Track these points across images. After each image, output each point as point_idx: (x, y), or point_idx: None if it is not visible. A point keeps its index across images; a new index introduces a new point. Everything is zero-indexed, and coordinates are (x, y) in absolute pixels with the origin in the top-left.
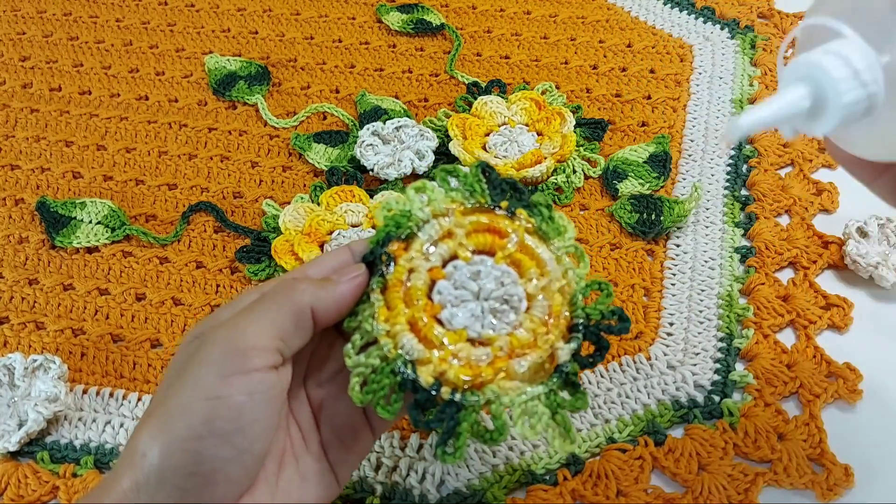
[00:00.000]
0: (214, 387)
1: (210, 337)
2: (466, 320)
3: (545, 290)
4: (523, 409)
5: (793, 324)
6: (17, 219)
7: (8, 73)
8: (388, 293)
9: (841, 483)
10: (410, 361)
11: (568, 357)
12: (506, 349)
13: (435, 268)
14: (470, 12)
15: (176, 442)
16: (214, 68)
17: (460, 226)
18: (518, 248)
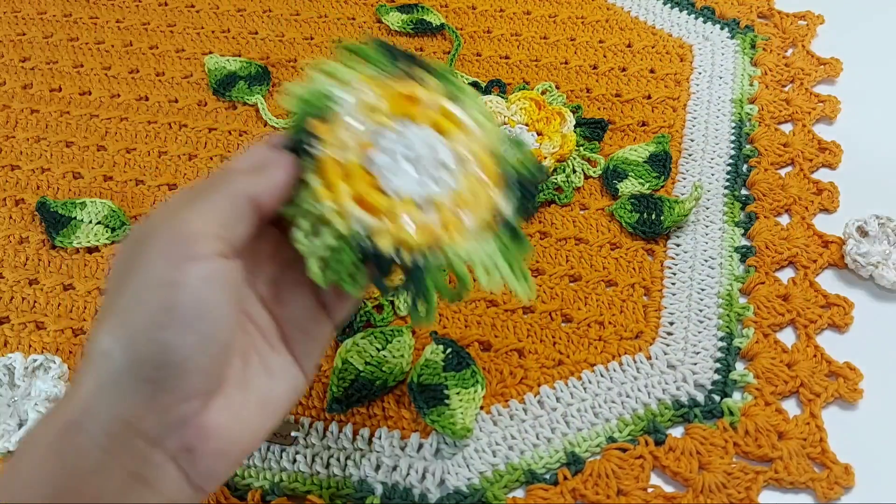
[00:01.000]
0: (168, 274)
1: (152, 231)
2: (409, 186)
3: (472, 149)
4: (482, 262)
5: (793, 323)
6: (18, 219)
7: (8, 73)
8: (325, 172)
9: (841, 482)
10: (366, 234)
11: (510, 210)
12: (452, 208)
13: (364, 141)
14: (470, 12)
15: (138, 334)
16: (214, 69)
17: (378, 97)
18: (438, 111)
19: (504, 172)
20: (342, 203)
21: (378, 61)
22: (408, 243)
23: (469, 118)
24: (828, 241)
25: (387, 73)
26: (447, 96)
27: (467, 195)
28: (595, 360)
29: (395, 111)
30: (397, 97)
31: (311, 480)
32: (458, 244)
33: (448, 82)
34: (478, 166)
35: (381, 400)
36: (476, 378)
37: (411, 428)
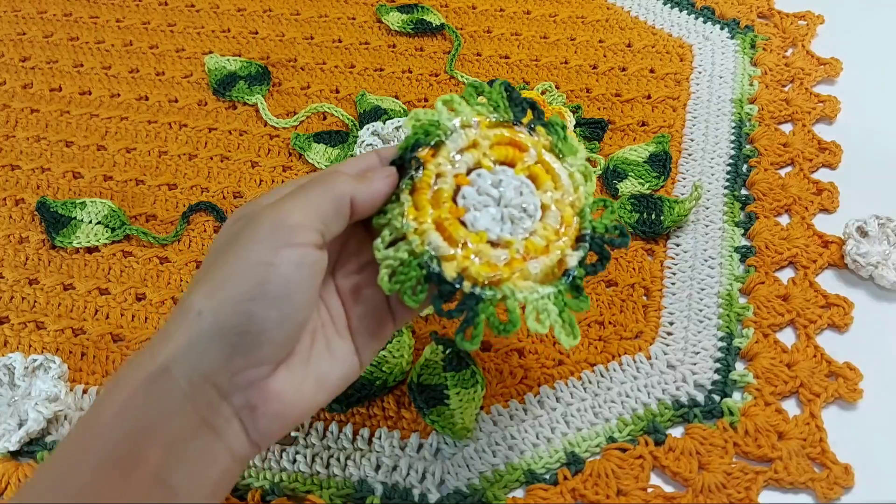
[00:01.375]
0: (266, 255)
1: (258, 215)
2: (487, 223)
3: (558, 202)
4: (534, 306)
5: (793, 323)
6: (18, 219)
7: (8, 73)
8: (417, 194)
9: (841, 482)
10: (436, 257)
11: (576, 263)
12: (521, 252)
13: (460, 174)
14: (470, 12)
15: (230, 302)
16: (214, 68)
17: (485, 137)
18: (536, 161)
19: (584, 231)
20: (423, 224)
21: (498, 103)
22: (471, 274)
23: (565, 174)
24: (828, 241)
25: (502, 117)
26: (552, 149)
27: (539, 243)
28: (595, 360)
29: (497, 154)
30: (503, 141)
31: (311, 480)
32: (516, 284)
33: (557, 137)
34: (558, 219)
35: (381, 400)
36: (476, 378)
37: (411, 428)
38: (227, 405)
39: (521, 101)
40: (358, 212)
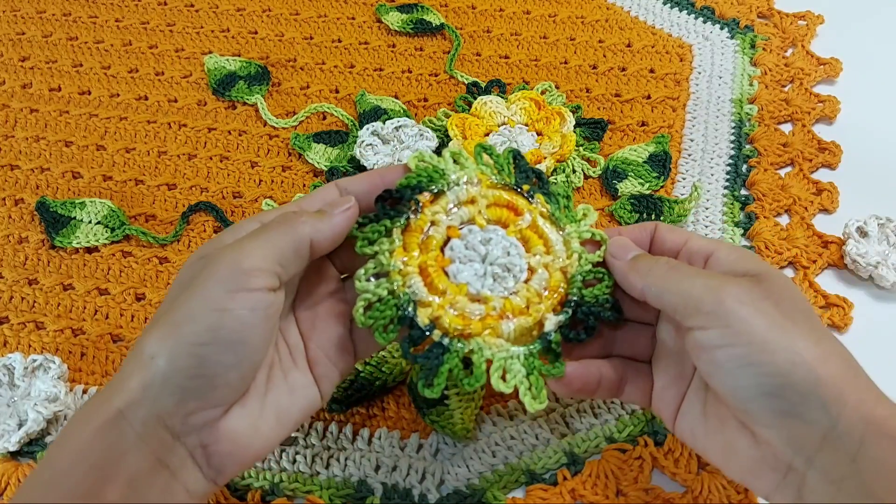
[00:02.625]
0: (221, 300)
1: (216, 257)
2: (469, 277)
3: (547, 266)
4: (500, 364)
5: None
6: (17, 219)
7: (7, 73)
8: (408, 236)
9: None
10: (413, 301)
11: (553, 327)
12: (498, 310)
13: (453, 226)
14: (469, 12)
15: (183, 346)
16: (214, 68)
17: (484, 196)
18: (530, 226)
19: (571, 297)
20: (408, 266)
21: (503, 167)
22: (443, 323)
23: (559, 241)
24: (828, 242)
25: (504, 180)
26: (549, 216)
27: (519, 303)
28: None
29: (493, 214)
30: (501, 203)
31: (311, 480)
32: (486, 340)
33: (556, 206)
34: (544, 283)
35: (381, 400)
36: None
37: (411, 428)
38: (181, 445)
39: (528, 170)
40: (318, 250)
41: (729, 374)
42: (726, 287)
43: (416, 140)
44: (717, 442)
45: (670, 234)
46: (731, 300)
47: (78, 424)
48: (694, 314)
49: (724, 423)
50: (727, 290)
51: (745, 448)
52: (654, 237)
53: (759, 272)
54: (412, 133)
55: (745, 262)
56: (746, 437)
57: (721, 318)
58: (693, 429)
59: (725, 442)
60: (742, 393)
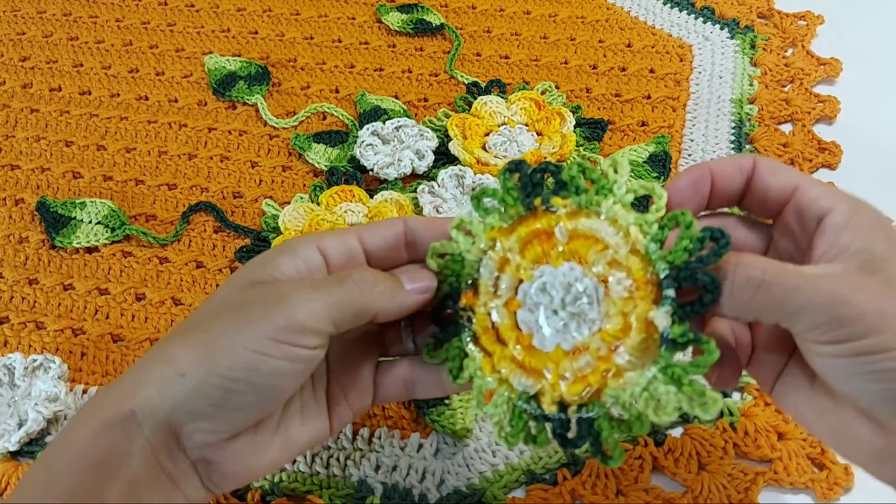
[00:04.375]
0: (264, 345)
1: (272, 297)
2: (556, 338)
3: (614, 264)
4: (646, 398)
5: None
6: (17, 219)
7: (8, 73)
8: (482, 341)
9: (841, 482)
10: (531, 397)
11: (667, 321)
12: (603, 347)
13: (507, 300)
14: (470, 12)
15: (215, 377)
16: (214, 68)
17: (510, 249)
18: (568, 239)
19: (663, 273)
20: (503, 372)
21: (505, 201)
22: (566, 399)
23: (605, 225)
24: None
25: (514, 215)
26: (582, 211)
27: (616, 324)
28: None
29: (531, 257)
30: (528, 239)
31: (311, 480)
32: (615, 385)
33: (576, 195)
34: (625, 284)
35: None
36: None
37: (411, 428)
38: (185, 457)
39: (526, 181)
40: (378, 320)
41: (851, 379)
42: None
43: (416, 140)
44: (827, 422)
45: (774, 177)
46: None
47: (81, 421)
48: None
49: (840, 407)
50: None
51: (868, 436)
52: (753, 179)
53: (885, 256)
54: (412, 133)
55: (868, 238)
56: (869, 426)
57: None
58: (797, 403)
59: (840, 424)
60: (869, 397)
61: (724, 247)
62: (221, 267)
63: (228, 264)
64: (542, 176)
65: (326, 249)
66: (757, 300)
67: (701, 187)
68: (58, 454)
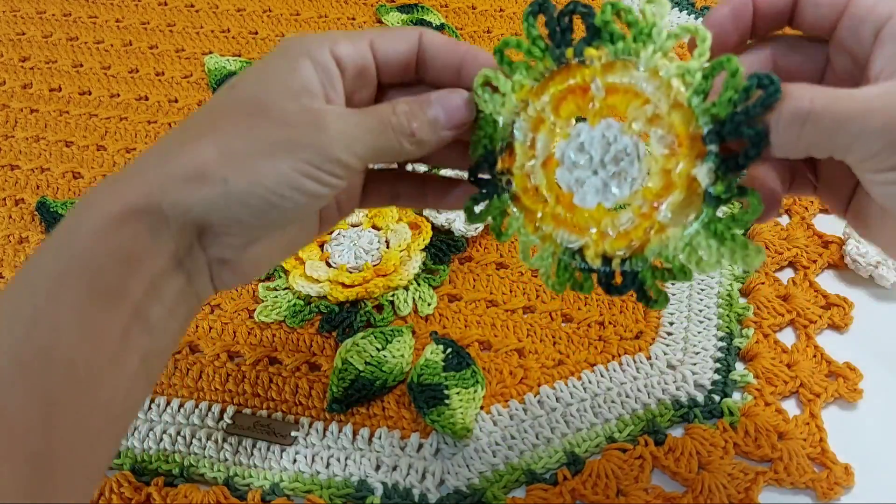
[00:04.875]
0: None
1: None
2: (596, 196)
3: (654, 120)
4: (688, 252)
5: (793, 323)
6: (17, 219)
7: (8, 73)
8: (523, 201)
9: (841, 482)
10: (575, 252)
11: (709, 178)
12: (644, 203)
13: (545, 160)
14: (470, 12)
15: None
16: (214, 68)
17: (543, 107)
18: (605, 94)
19: (705, 128)
20: (546, 229)
21: (532, 53)
22: (609, 253)
23: (644, 78)
24: (828, 241)
25: (546, 69)
26: (619, 62)
27: (657, 182)
28: (595, 360)
29: (566, 113)
30: (562, 95)
31: (311, 480)
32: (657, 241)
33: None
34: (666, 140)
35: (381, 400)
36: (476, 378)
37: (411, 428)
38: (204, 256)
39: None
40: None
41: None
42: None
43: None
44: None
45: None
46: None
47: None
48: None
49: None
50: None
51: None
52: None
53: None
54: None
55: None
56: None
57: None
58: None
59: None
60: None
61: (773, 94)
62: None
63: None
64: (570, 20)
65: (341, 58)
66: (806, 135)
67: (742, 15)
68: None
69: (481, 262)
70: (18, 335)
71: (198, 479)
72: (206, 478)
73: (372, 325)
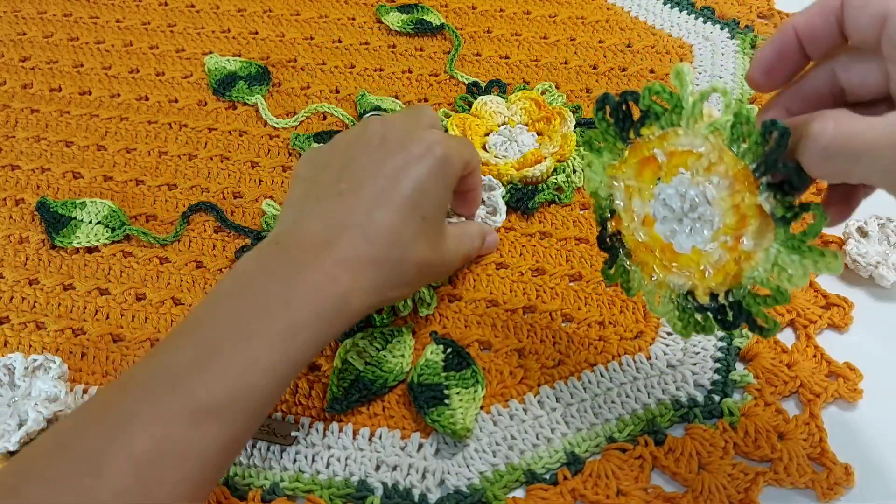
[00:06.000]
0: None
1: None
2: (689, 241)
3: (710, 169)
4: (777, 271)
5: (793, 323)
6: (18, 219)
7: (8, 73)
8: (636, 257)
9: (841, 482)
10: (688, 293)
11: (770, 204)
12: (729, 238)
13: (644, 218)
14: (470, 12)
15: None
16: (214, 69)
17: (628, 177)
18: (668, 158)
19: (749, 165)
20: (659, 275)
21: (606, 138)
22: (713, 288)
23: (690, 139)
24: (828, 241)
25: (621, 150)
26: (664, 128)
27: (732, 217)
28: (595, 360)
29: (647, 180)
30: (640, 167)
31: (311, 480)
32: (748, 267)
33: (656, 120)
34: (724, 184)
35: (381, 400)
36: (476, 378)
37: (411, 428)
38: None
39: (616, 114)
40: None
41: None
42: None
43: None
44: None
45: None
46: None
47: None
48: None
49: None
50: None
51: None
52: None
53: None
54: None
55: None
56: None
57: None
58: None
59: None
60: None
61: (783, 137)
62: (221, 267)
63: (228, 264)
64: (627, 108)
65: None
66: (831, 168)
67: (787, 52)
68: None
69: (481, 263)
70: None
71: None
72: None
73: (372, 326)
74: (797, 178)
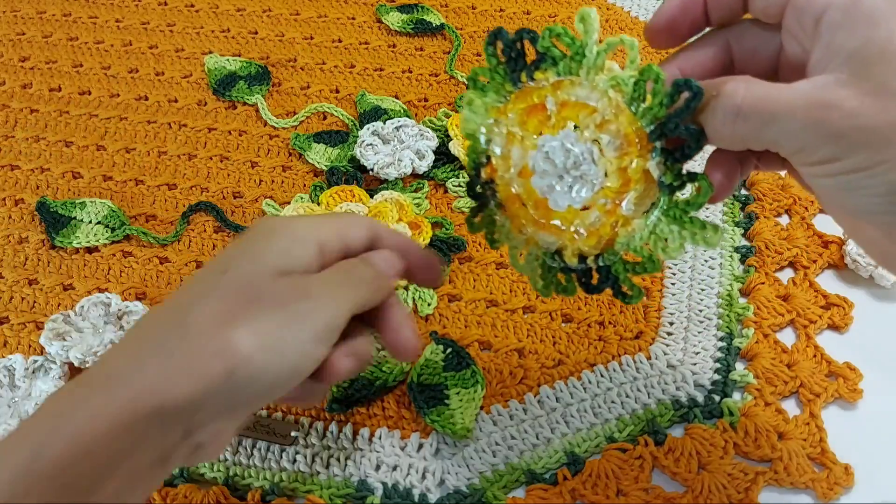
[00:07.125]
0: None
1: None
2: (565, 199)
3: (602, 126)
4: (654, 240)
5: (793, 323)
6: (17, 219)
7: (7, 73)
8: (508, 209)
9: (841, 482)
10: (554, 253)
11: (659, 170)
12: (609, 201)
13: (522, 168)
14: (470, 12)
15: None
16: (214, 68)
17: (512, 123)
18: (559, 108)
19: (644, 127)
20: (529, 231)
21: (494, 78)
22: (584, 251)
23: (587, 91)
24: (828, 241)
25: (507, 92)
26: (561, 75)
27: (615, 180)
28: (595, 360)
29: (531, 129)
30: (525, 112)
31: (311, 480)
32: (624, 233)
33: (552, 63)
34: (616, 143)
35: (381, 400)
36: (476, 378)
37: (411, 428)
38: (186, 444)
39: (508, 52)
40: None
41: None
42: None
43: (416, 140)
44: (843, 222)
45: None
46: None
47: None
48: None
49: None
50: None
51: (877, 237)
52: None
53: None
54: (412, 133)
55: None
56: (876, 230)
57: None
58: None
59: (851, 225)
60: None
61: (695, 98)
62: None
63: None
64: (521, 47)
65: (323, 245)
66: (738, 131)
67: (691, 6)
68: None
69: (481, 262)
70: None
71: (198, 479)
72: (206, 478)
73: None
74: (695, 144)
